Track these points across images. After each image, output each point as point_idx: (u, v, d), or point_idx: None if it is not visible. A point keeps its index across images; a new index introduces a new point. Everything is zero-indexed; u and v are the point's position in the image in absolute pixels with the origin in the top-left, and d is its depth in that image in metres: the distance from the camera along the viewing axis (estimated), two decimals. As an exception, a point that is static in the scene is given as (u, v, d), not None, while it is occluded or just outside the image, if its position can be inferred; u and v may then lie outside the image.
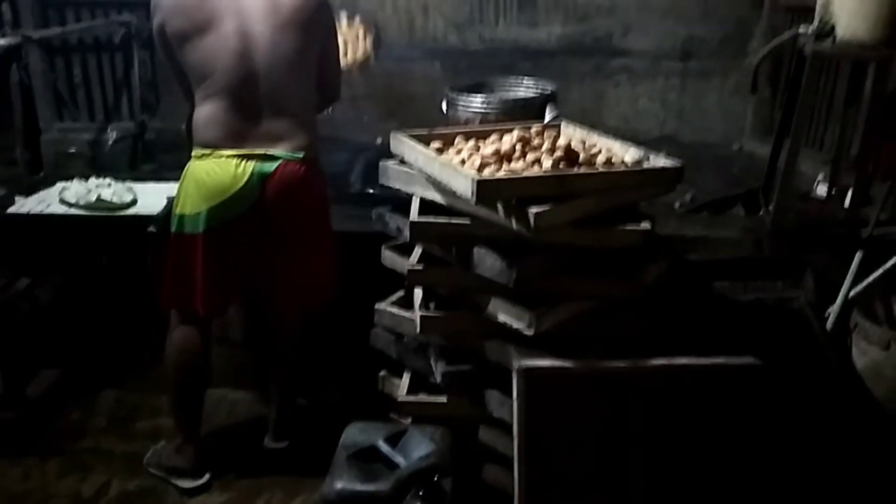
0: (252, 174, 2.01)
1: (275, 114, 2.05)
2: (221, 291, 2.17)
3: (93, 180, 2.72)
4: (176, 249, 2.11)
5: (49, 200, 2.66)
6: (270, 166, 2.03)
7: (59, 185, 2.73)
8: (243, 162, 2.02)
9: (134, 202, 2.64)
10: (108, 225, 2.56)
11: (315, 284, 2.23)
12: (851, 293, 2.42)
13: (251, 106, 2.04)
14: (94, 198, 2.59)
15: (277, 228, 2.10)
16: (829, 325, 2.46)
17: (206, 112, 2.05)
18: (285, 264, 2.18)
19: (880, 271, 2.38)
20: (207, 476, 2.27)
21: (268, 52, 2.03)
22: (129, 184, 2.73)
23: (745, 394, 1.86)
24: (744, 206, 2.94)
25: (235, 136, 2.03)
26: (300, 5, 2.06)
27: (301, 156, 2.07)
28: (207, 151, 2.04)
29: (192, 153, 2.08)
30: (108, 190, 2.64)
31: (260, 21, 2.02)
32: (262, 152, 2.03)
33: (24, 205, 2.65)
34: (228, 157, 2.02)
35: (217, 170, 2.02)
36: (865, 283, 2.41)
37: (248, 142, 2.03)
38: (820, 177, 2.94)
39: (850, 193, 2.65)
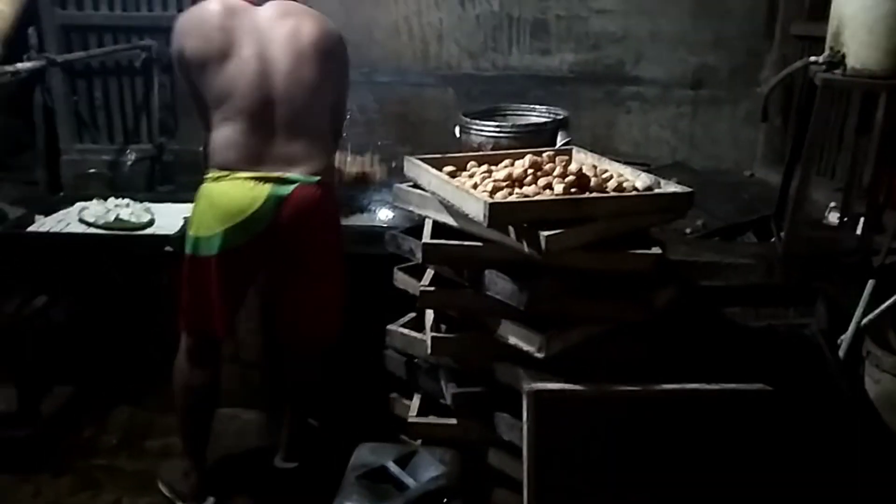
0: (268, 197, 2.02)
1: (291, 137, 2.07)
2: (231, 315, 2.17)
3: (111, 200, 2.76)
4: (191, 272, 2.10)
5: (68, 220, 2.71)
6: (286, 189, 2.04)
7: (79, 204, 2.78)
8: (259, 184, 2.03)
9: (151, 222, 2.68)
10: (125, 244, 2.60)
11: (325, 313, 2.24)
12: (863, 321, 2.42)
13: (268, 129, 2.06)
14: (112, 217, 2.63)
15: (291, 252, 2.11)
16: (841, 352, 2.45)
17: (224, 134, 2.06)
18: (297, 289, 2.19)
19: (893, 299, 2.38)
20: (212, 500, 2.25)
21: (286, 76, 2.06)
22: (146, 204, 2.77)
23: (755, 420, 1.85)
24: (755, 232, 2.95)
25: (252, 158, 2.05)
26: (320, 36, 2.09)
27: (317, 180, 2.09)
28: (224, 173, 2.05)
29: (208, 175, 2.09)
30: (127, 210, 2.68)
31: (280, 46, 2.06)
32: (278, 175, 2.04)
33: (43, 224, 2.69)
34: (245, 179, 2.03)
35: (233, 192, 2.03)
36: (878, 311, 2.40)
37: (265, 164, 2.05)
38: (832, 204, 2.95)
39: (861, 221, 2.65)
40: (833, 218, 2.91)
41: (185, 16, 2.12)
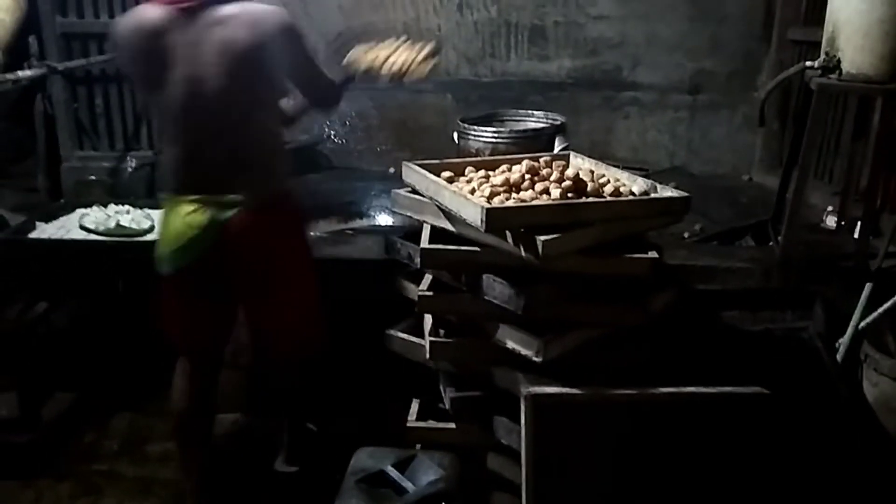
0: (207, 221, 1.95)
1: (232, 161, 1.95)
2: (201, 332, 2.13)
3: (112, 207, 2.78)
4: (160, 288, 2.09)
5: (69, 226, 2.72)
6: (227, 214, 1.95)
7: (79, 211, 2.79)
8: (200, 209, 1.95)
9: (151, 229, 2.69)
10: (126, 250, 2.61)
11: (292, 330, 2.15)
12: (861, 324, 2.42)
13: (207, 153, 1.96)
14: (112, 224, 2.64)
15: (244, 274, 2.03)
16: (839, 356, 2.45)
17: (168, 158, 2.02)
18: (259, 308, 2.12)
19: (890, 303, 2.38)
20: None
21: (220, 98, 1.91)
22: (147, 210, 2.78)
23: (753, 423, 1.86)
24: (753, 236, 2.96)
25: (193, 183, 1.98)
26: (255, 41, 1.88)
27: (260, 202, 1.97)
28: (171, 197, 2.01)
29: (163, 197, 2.07)
30: (127, 216, 2.70)
31: (211, 65, 1.88)
32: (219, 199, 1.95)
33: (44, 230, 2.70)
34: (186, 202, 1.97)
35: (176, 215, 1.99)
36: (875, 314, 2.40)
37: (205, 189, 1.96)
38: (829, 208, 2.96)
39: (859, 225, 2.66)
40: (830, 222, 2.92)
41: (118, 29, 1.96)
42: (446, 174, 2.05)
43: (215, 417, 2.27)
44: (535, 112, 2.78)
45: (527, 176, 1.97)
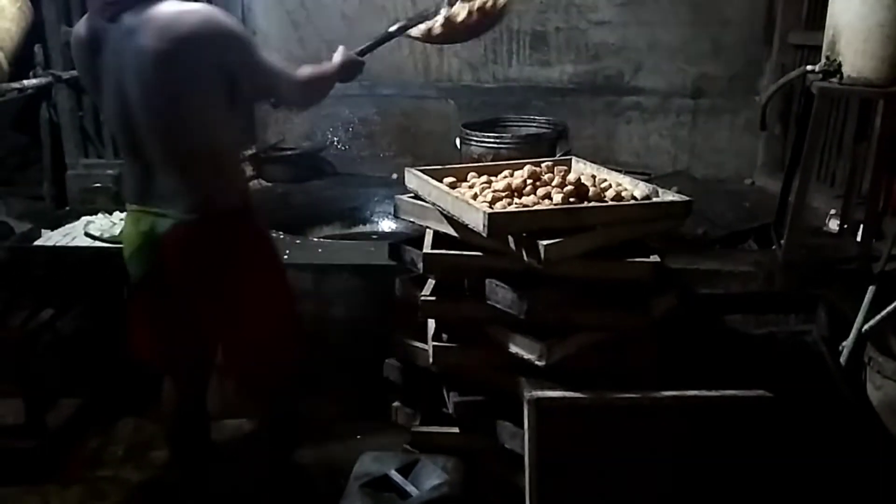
0: (147, 232, 1.90)
1: (167, 171, 1.86)
2: (171, 345, 2.06)
3: (117, 214, 2.81)
4: (130, 302, 2.08)
5: (74, 234, 2.74)
6: (164, 224, 1.87)
7: (84, 218, 2.82)
8: (143, 219, 1.91)
9: (156, 235, 2.70)
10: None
11: (250, 354, 2.02)
12: (865, 327, 2.42)
13: (146, 164, 1.88)
14: (117, 231, 2.66)
15: (187, 291, 1.94)
16: (842, 359, 2.45)
17: (122, 166, 2.02)
18: (213, 328, 2.02)
19: (894, 305, 2.38)
20: None
21: (144, 110, 1.80)
22: (151, 218, 2.79)
23: (757, 427, 1.86)
24: (756, 240, 2.97)
25: (136, 193, 1.94)
26: (167, 47, 1.72)
27: (197, 216, 1.86)
28: (127, 204, 2.00)
29: None
30: (131, 223, 2.71)
31: (131, 75, 1.77)
32: (157, 210, 1.88)
33: (49, 238, 2.73)
34: (134, 212, 1.95)
35: (128, 223, 1.99)
36: (879, 317, 2.40)
37: (147, 199, 1.90)
38: (832, 211, 2.96)
39: (861, 228, 2.66)
40: (833, 225, 2.92)
41: (70, 40, 1.94)
42: (449, 180, 2.06)
43: (209, 424, 2.25)
44: (537, 117, 2.80)
45: (529, 181, 1.98)
